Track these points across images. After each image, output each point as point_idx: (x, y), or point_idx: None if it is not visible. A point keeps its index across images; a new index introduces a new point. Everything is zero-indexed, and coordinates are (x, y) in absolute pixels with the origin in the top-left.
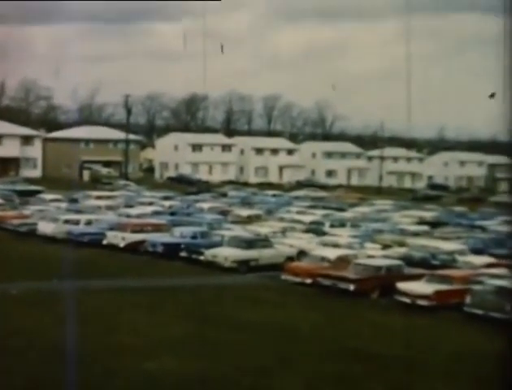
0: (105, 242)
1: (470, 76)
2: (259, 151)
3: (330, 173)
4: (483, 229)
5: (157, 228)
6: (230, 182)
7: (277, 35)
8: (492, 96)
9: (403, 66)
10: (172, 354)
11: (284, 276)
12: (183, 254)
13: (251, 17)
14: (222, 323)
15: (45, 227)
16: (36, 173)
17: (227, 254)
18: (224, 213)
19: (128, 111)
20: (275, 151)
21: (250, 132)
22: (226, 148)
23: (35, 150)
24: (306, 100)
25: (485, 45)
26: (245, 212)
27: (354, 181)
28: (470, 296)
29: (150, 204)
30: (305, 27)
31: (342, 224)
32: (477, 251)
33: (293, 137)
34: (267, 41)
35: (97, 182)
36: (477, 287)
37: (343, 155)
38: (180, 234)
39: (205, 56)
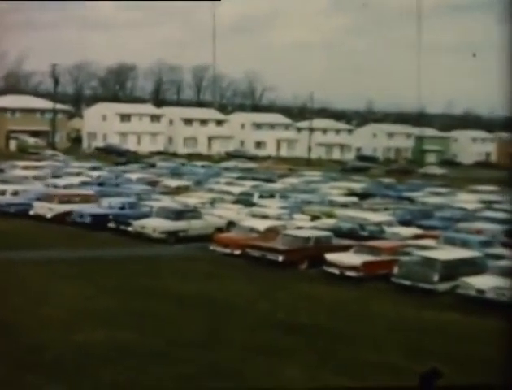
0: (32, 213)
1: (400, 49)
2: (188, 122)
3: (259, 144)
4: (410, 200)
5: (85, 199)
6: (159, 152)
7: (209, 5)
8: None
9: (334, 37)
10: (102, 326)
11: (212, 247)
12: (111, 225)
13: None
14: (152, 295)
15: None
16: None
17: (155, 225)
18: (153, 184)
19: (56, 80)
20: (204, 122)
21: (179, 103)
22: (155, 118)
23: None
24: (236, 70)
25: (413, 20)
26: (173, 183)
27: (283, 152)
28: (398, 267)
29: (78, 174)
30: None
31: (271, 195)
32: (405, 222)
33: (223, 108)
34: (199, 12)
35: (23, 152)
36: (404, 258)
37: (272, 126)
38: (108, 205)
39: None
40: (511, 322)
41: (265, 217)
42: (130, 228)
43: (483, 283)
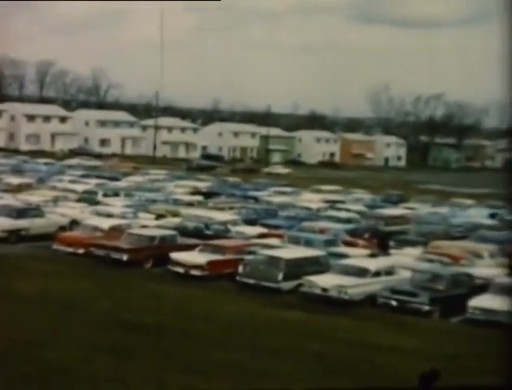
0: None
1: (251, 49)
2: (31, 118)
3: (104, 142)
4: (255, 200)
5: None
6: (0, 149)
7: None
8: None
9: (182, 36)
10: None
11: (55, 246)
12: None
13: None
14: None
15: None
16: None
17: None
18: None
19: None
20: (47, 118)
21: (22, 98)
22: None
23: None
24: (81, 67)
25: (266, 20)
26: (15, 180)
27: (128, 150)
28: (243, 266)
29: None
30: None
31: (116, 194)
32: (250, 221)
33: (66, 104)
34: (45, 6)
35: None
36: (249, 257)
37: (117, 124)
38: None
39: None
40: (355, 319)
41: (109, 216)
42: None
43: (327, 281)
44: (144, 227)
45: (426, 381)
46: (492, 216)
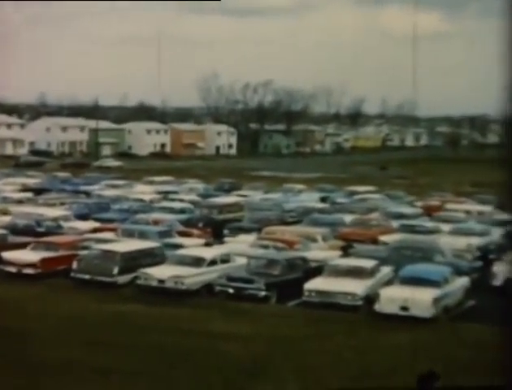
0: None
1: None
2: None
3: None
4: (87, 194)
5: None
6: None
7: None
8: None
9: (10, 29)
10: None
11: None
12: None
13: None
14: None
15: None
16: None
17: None
18: None
19: None
20: None
21: None
22: None
23: None
24: None
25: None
26: None
27: None
28: (77, 262)
29: None
30: None
31: None
32: (82, 216)
33: None
34: None
35: None
36: (83, 252)
37: None
38: None
39: None
40: (193, 309)
41: None
42: None
43: (163, 272)
44: None
45: (424, 382)
46: (323, 199)
